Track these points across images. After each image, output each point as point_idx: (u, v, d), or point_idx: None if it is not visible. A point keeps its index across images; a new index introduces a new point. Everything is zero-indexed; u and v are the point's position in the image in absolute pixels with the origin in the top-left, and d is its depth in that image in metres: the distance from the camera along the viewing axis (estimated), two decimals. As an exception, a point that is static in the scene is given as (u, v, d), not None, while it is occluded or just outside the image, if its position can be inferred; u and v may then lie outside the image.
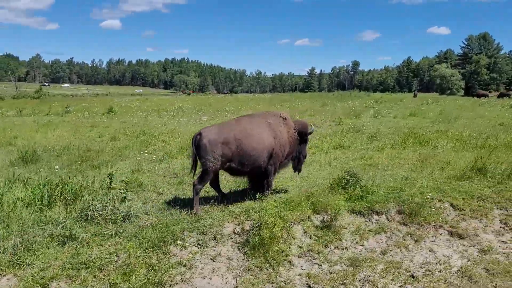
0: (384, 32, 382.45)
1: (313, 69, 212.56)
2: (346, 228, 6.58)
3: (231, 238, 5.88)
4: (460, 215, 7.34)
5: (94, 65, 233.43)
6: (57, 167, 8.83)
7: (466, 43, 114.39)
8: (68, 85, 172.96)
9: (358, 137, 16.29)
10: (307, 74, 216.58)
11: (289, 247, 5.84)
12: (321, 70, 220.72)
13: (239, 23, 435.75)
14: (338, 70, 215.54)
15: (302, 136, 7.81)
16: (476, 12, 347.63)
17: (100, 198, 6.14)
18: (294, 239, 6.03)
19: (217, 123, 9.23)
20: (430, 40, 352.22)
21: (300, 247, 5.91)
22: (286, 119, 7.65)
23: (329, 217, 6.45)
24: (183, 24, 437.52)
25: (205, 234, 5.80)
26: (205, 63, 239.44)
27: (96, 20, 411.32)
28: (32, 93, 72.35)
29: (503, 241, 6.76)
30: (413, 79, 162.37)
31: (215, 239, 5.76)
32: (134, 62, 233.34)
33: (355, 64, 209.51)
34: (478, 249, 6.46)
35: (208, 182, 7.11)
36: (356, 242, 6.31)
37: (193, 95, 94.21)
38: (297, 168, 8.19)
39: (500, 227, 7.25)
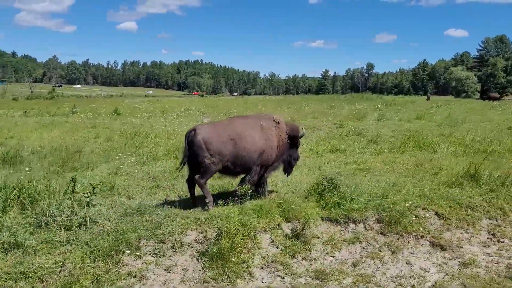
0: (401, 35, 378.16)
1: (326, 71, 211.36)
2: (318, 238, 6.21)
3: (192, 247, 5.55)
4: (444, 225, 6.92)
5: (109, 66, 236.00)
6: (27, 169, 8.60)
7: (483, 45, 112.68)
8: (79, 86, 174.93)
9: (357, 140, 15.85)
10: (320, 76, 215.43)
11: (252, 258, 5.50)
12: (335, 73, 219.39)
13: (254, 25, 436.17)
14: (352, 73, 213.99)
15: (293, 139, 7.76)
16: (494, 15, 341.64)
17: (58, 203, 5.87)
18: (259, 249, 5.69)
19: (211, 122, 9.04)
20: (446, 43, 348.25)
21: (264, 257, 5.57)
22: (279, 122, 7.60)
23: (300, 226, 6.09)
24: (199, 26, 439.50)
25: (163, 243, 5.48)
26: (219, 65, 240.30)
27: (113, 22, 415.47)
28: (45, 94, 73.17)
29: (488, 253, 6.34)
30: (428, 81, 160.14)
31: (173, 248, 5.45)
32: (148, 63, 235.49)
33: (370, 66, 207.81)
34: (459, 262, 6.05)
35: (186, 181, 7.17)
36: (327, 253, 5.94)
37: (204, 96, 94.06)
38: (287, 171, 8.18)
39: (487, 238, 6.82)
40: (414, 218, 6.81)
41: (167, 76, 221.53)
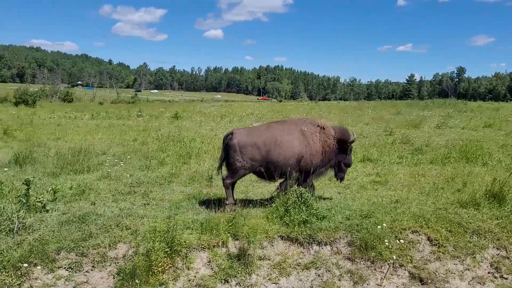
0: (498, 37, 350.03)
1: (412, 76, 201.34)
2: (269, 260, 5.44)
3: (116, 262, 5.08)
4: (436, 253, 5.78)
5: (194, 72, 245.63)
6: (6, 169, 8.73)
7: None
8: (156, 91, 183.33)
9: (400, 149, 14.49)
10: (405, 82, 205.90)
11: (175, 280, 4.89)
12: (421, 77, 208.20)
13: (337, 29, 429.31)
14: (440, 77, 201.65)
15: (343, 144, 7.44)
16: None
17: (1, 206, 5.72)
18: (188, 269, 5.06)
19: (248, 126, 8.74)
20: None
21: (190, 280, 4.93)
22: (324, 128, 7.37)
23: (246, 245, 5.36)
24: (282, 32, 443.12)
25: (84, 256, 5.07)
26: (299, 70, 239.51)
27: (200, 30, 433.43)
28: (128, 99, 77.74)
29: (479, 293, 5.15)
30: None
31: (93, 263, 5.02)
32: (230, 69, 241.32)
33: (461, 70, 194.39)
34: (436, 301, 4.96)
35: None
36: (269, 279, 5.15)
37: (279, 101, 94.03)
38: (338, 176, 7.87)
39: (487, 273, 5.59)
40: (396, 243, 5.76)
41: (247, 82, 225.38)
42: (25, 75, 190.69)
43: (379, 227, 5.84)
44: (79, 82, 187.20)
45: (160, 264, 4.78)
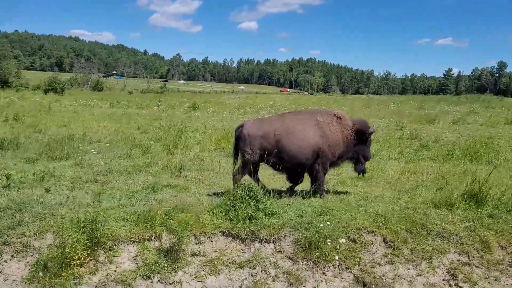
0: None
1: (449, 70, 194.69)
2: (203, 256, 5.13)
3: (40, 253, 4.89)
4: (388, 256, 5.32)
5: (226, 64, 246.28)
6: None
7: None
8: (183, 81, 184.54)
9: (405, 145, 13.86)
10: (442, 76, 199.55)
11: (93, 274, 4.65)
12: (459, 72, 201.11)
13: (374, 23, 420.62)
14: (480, 72, 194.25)
15: (361, 135, 7.23)
16: None
17: None
18: (110, 263, 4.81)
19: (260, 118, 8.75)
20: None
21: (108, 275, 4.68)
22: (341, 118, 7.21)
23: (176, 240, 5.07)
24: (317, 24, 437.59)
25: (7, 245, 4.92)
26: (332, 63, 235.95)
27: (235, 22, 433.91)
28: (157, 89, 78.82)
29: (424, 303, 4.68)
30: None
31: (13, 252, 4.85)
32: (262, 61, 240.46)
33: (502, 65, 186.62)
34: (372, 310, 4.53)
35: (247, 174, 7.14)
36: (196, 277, 4.84)
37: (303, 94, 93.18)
38: (357, 169, 7.62)
39: (442, 280, 5.10)
40: (345, 243, 5.33)
41: (279, 74, 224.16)
42: (63, 64, 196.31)
43: (327, 224, 5.44)
44: (114, 72, 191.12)
45: (76, 256, 4.55)
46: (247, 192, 5.78)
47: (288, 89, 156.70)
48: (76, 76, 78.00)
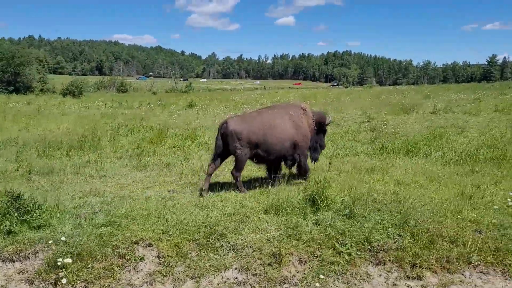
0: None
1: (494, 56, 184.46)
2: None
3: None
4: (153, 275, 4.55)
5: (260, 60, 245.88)
6: None
7: None
8: (205, 79, 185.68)
9: (354, 138, 12.91)
10: (486, 63, 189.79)
11: None
12: (504, 58, 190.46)
13: (416, 11, 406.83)
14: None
15: (320, 126, 7.86)
16: None
17: None
18: None
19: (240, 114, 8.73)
20: None
21: None
22: (305, 110, 7.73)
23: None
24: (356, 16, 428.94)
25: None
26: (369, 55, 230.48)
27: (271, 18, 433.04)
28: (183, 88, 79.37)
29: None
30: None
31: None
32: (297, 56, 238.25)
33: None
34: None
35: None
36: None
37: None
38: (313, 157, 8.10)
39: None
40: (112, 261, 4.63)
41: (314, 68, 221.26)
42: (103, 68, 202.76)
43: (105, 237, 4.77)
44: (151, 73, 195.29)
45: None
46: (14, 202, 5.14)
47: (300, 83, 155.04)
48: (103, 78, 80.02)
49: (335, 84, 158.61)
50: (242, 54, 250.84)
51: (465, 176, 7.86)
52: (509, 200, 5.45)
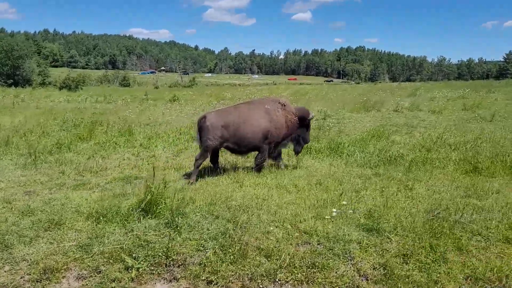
0: None
1: (510, 53, 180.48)
2: None
3: None
4: None
5: (273, 56, 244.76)
6: None
7: None
8: (209, 74, 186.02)
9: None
10: (502, 60, 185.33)
11: None
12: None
13: (432, 7, 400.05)
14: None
15: (302, 121, 8.30)
16: None
17: None
18: None
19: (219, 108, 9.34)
20: None
21: None
22: (285, 105, 8.18)
23: None
24: (375, 12, 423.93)
25: None
26: (382, 51, 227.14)
27: (288, 13, 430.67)
28: (187, 83, 79.38)
29: None
30: None
31: None
32: (309, 52, 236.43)
33: None
34: None
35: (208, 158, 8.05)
36: None
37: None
38: (296, 150, 8.71)
39: None
40: None
41: (327, 64, 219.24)
42: (116, 62, 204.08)
43: None
44: (163, 68, 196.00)
45: None
46: None
47: (295, 78, 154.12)
48: (106, 72, 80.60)
49: (330, 80, 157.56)
50: (254, 49, 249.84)
51: (358, 178, 7.31)
52: (334, 210, 4.91)
